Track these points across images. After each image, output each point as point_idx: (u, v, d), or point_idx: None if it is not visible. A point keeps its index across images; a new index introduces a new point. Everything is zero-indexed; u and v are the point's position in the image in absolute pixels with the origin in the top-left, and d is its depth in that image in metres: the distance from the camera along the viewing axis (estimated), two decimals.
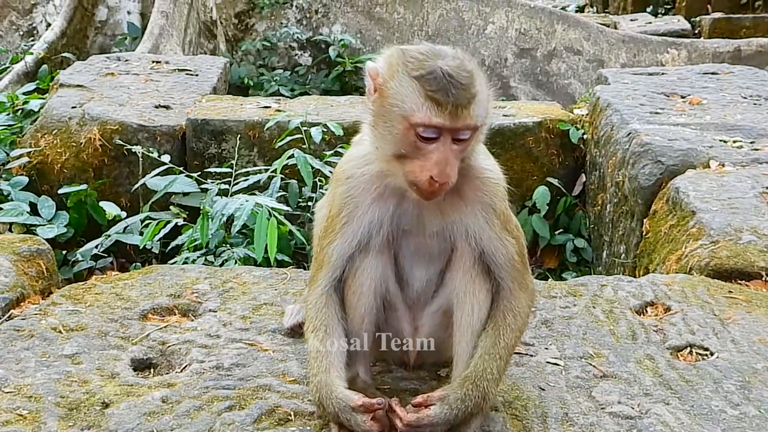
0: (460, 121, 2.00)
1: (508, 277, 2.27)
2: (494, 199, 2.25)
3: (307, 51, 10.61)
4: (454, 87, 2.00)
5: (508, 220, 2.30)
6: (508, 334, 2.22)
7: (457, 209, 2.22)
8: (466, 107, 2.00)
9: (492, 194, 2.25)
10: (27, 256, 3.14)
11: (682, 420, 2.28)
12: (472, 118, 2.01)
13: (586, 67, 9.92)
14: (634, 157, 4.50)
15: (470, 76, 2.03)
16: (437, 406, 2.09)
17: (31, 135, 5.74)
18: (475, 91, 2.02)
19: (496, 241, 2.25)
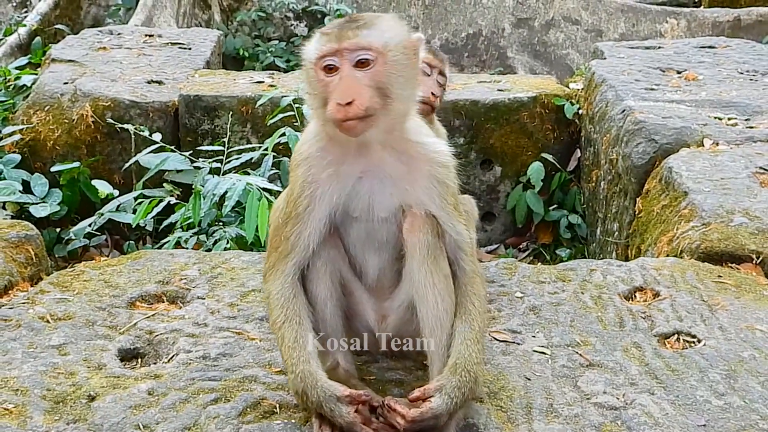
0: (347, 41, 2.07)
1: (467, 260, 2.28)
2: (447, 178, 2.27)
3: (303, 21, 10.51)
4: (343, 22, 2.14)
5: (459, 202, 2.33)
6: (479, 318, 2.23)
7: (410, 185, 2.22)
8: (355, 30, 2.09)
9: (445, 173, 2.26)
10: (15, 243, 3.13)
11: (666, 410, 2.28)
12: (362, 38, 2.08)
13: (584, 37, 9.83)
14: (628, 135, 4.47)
15: (365, 17, 2.14)
16: (437, 397, 2.08)
17: (23, 111, 5.70)
18: (366, 21, 2.12)
19: (453, 220, 2.27)
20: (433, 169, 2.24)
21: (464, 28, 10.16)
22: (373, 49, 2.08)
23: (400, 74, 2.14)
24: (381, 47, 2.09)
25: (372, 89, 2.08)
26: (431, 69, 3.01)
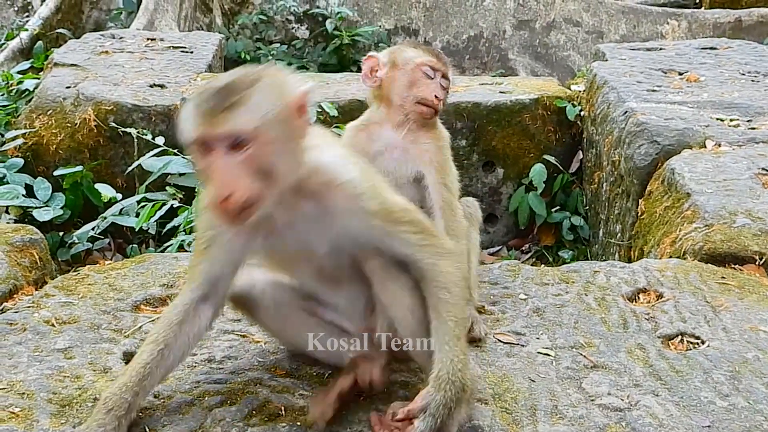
0: (216, 128, 1.91)
1: (420, 257, 2.20)
2: (366, 204, 2.16)
3: (304, 24, 10.52)
4: (211, 96, 1.95)
5: (390, 206, 2.21)
6: (452, 309, 2.17)
7: (332, 223, 2.16)
8: (224, 113, 1.91)
9: (362, 201, 2.16)
10: (20, 247, 3.14)
11: (671, 412, 2.29)
12: (232, 123, 1.92)
13: (585, 39, 9.84)
14: (630, 137, 4.48)
15: (236, 89, 1.95)
16: (420, 419, 2.05)
17: (26, 116, 5.71)
18: (237, 98, 1.93)
19: (387, 235, 2.18)
20: (350, 202, 2.15)
21: (465, 30, 10.17)
22: (245, 133, 1.93)
23: (282, 147, 2.01)
24: (254, 129, 1.94)
25: (251, 174, 1.95)
26: (434, 72, 3.01)
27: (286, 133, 2.02)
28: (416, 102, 2.95)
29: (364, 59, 3.05)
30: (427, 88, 2.95)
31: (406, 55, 3.00)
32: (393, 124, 2.99)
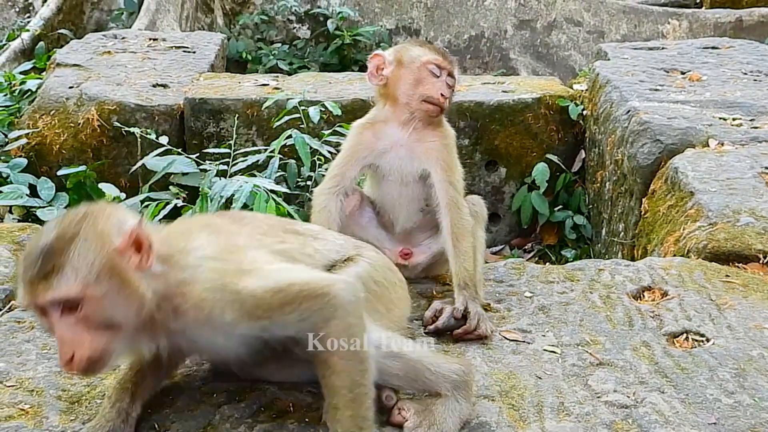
0: (40, 297, 1.90)
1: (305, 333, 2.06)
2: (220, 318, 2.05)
3: (306, 24, 10.53)
4: (30, 266, 1.92)
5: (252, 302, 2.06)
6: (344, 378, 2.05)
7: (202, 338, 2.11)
8: (44, 283, 1.89)
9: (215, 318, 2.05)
10: (26, 245, 3.14)
11: (676, 409, 2.30)
12: (54, 291, 1.89)
13: (586, 39, 9.84)
14: (633, 136, 4.49)
15: (52, 254, 1.91)
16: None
17: (29, 116, 5.72)
18: (54, 264, 1.89)
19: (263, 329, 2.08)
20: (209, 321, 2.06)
21: (466, 30, 10.18)
22: (71, 297, 1.90)
23: (117, 296, 1.95)
24: (79, 292, 1.90)
25: (92, 330, 1.93)
26: (440, 70, 3.02)
27: (118, 280, 1.96)
28: (422, 100, 2.96)
29: (369, 57, 3.06)
30: (433, 86, 2.96)
31: (412, 54, 3.01)
32: (399, 122, 3.00)
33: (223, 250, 2.14)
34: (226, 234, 2.24)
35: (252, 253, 2.19)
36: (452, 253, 2.86)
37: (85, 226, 1.95)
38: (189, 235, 2.18)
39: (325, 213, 2.96)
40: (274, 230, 2.37)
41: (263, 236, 2.30)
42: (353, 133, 3.08)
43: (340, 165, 3.04)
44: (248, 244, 2.23)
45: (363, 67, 9.78)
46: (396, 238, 3.11)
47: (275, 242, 2.30)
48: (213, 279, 2.05)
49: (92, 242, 1.94)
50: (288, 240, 2.35)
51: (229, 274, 2.06)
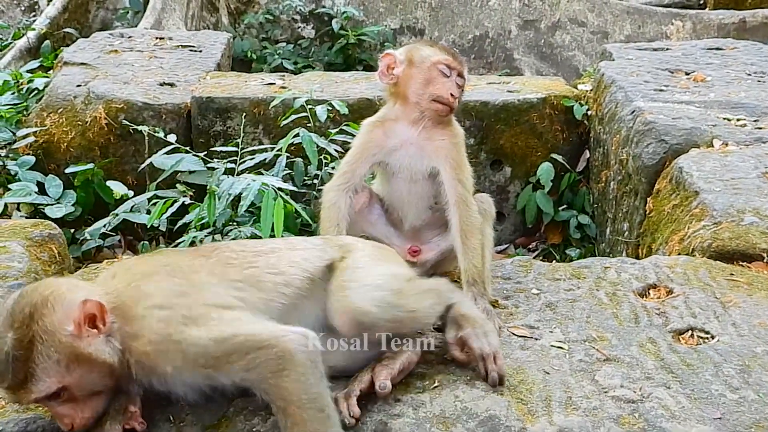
0: (25, 400, 2.12)
1: (256, 382, 2.13)
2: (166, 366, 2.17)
3: (310, 23, 10.57)
4: (6, 373, 2.08)
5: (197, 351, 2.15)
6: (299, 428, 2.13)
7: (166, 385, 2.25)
8: (22, 390, 2.09)
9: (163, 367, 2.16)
10: (39, 241, 3.19)
11: (682, 404, 2.34)
12: (35, 395, 2.09)
13: (590, 39, 9.87)
14: (638, 136, 4.52)
15: (16, 359, 2.06)
16: None
17: (36, 114, 5.76)
18: (25, 371, 2.06)
19: (209, 378, 2.18)
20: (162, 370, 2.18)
21: (471, 30, 10.22)
22: (51, 392, 2.12)
23: (91, 374, 2.14)
24: (56, 384, 2.11)
25: (81, 402, 2.15)
26: (450, 71, 3.06)
27: (85, 360, 2.11)
28: (432, 100, 3.00)
29: (381, 56, 3.10)
30: (443, 86, 3.00)
31: (423, 54, 3.05)
32: (409, 121, 3.03)
33: (174, 293, 2.21)
34: (184, 272, 2.30)
35: (207, 292, 2.24)
36: (461, 250, 2.90)
37: (36, 327, 2.08)
38: (141, 281, 2.26)
39: (334, 209, 3.00)
40: (243, 256, 2.42)
41: (227, 266, 2.35)
42: (363, 130, 3.11)
43: (350, 162, 3.08)
44: (207, 281, 2.28)
45: (367, 66, 9.82)
46: (405, 235, 3.15)
47: (240, 270, 2.34)
48: (157, 331, 2.13)
49: (49, 341, 2.08)
50: (256, 263, 2.39)
51: (173, 323, 2.14)
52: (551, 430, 2.22)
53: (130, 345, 2.15)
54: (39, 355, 2.07)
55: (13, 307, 2.12)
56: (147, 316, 2.16)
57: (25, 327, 2.07)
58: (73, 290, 2.20)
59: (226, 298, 2.25)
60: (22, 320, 2.08)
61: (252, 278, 2.33)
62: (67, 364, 2.09)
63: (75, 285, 2.29)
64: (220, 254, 2.42)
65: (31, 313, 2.09)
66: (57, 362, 2.08)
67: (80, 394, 2.13)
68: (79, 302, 2.12)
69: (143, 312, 2.17)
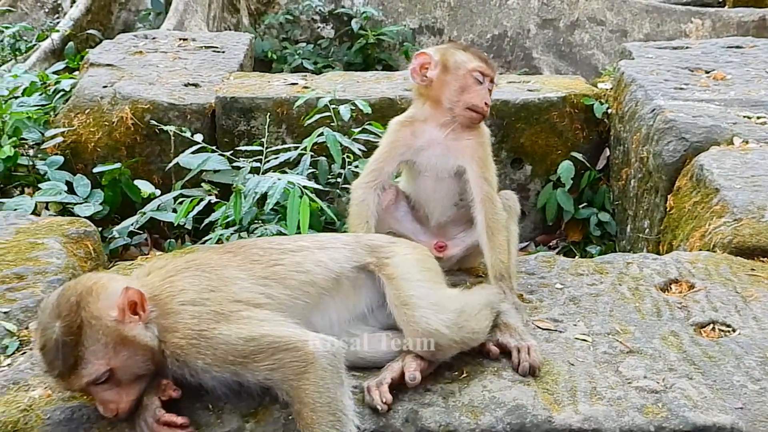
0: (75, 385, 2.24)
1: (279, 382, 2.26)
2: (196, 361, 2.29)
3: (330, 24, 10.65)
4: (52, 362, 2.21)
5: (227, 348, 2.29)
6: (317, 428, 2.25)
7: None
8: (72, 375, 2.21)
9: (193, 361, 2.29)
10: (75, 238, 3.29)
11: (704, 394, 2.40)
12: (84, 379, 2.22)
13: (609, 38, 9.90)
14: (658, 134, 4.57)
15: (67, 343, 2.18)
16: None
17: (64, 114, 5.86)
18: (76, 355, 2.19)
19: (236, 375, 2.30)
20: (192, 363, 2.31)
21: (489, 30, 10.27)
22: (100, 374, 2.24)
23: (135, 357, 2.26)
24: (104, 368, 2.23)
25: (124, 388, 2.27)
26: (484, 77, 3.10)
27: (129, 344, 2.24)
28: (466, 108, 3.05)
29: (415, 54, 3.13)
30: (477, 95, 3.04)
31: (458, 59, 3.08)
32: (438, 123, 3.09)
33: (205, 289, 2.34)
34: (213, 268, 2.43)
35: (236, 287, 2.37)
36: (487, 246, 2.97)
37: (83, 314, 2.21)
38: (174, 276, 2.39)
39: (363, 206, 3.07)
40: (269, 253, 2.52)
41: (254, 263, 2.47)
42: (392, 129, 3.18)
43: (378, 160, 3.14)
44: (235, 275, 2.40)
45: (386, 66, 9.90)
46: (431, 231, 3.21)
47: (266, 267, 2.46)
48: (190, 326, 2.27)
49: (96, 326, 2.21)
50: (282, 260, 2.49)
51: (205, 320, 2.28)
52: (577, 419, 2.29)
53: (165, 337, 2.28)
54: (87, 339, 2.19)
55: (58, 300, 2.25)
56: (181, 312, 2.30)
57: (73, 314, 2.20)
58: (115, 281, 2.33)
59: (254, 294, 2.37)
60: (69, 309, 2.20)
61: (277, 275, 2.44)
62: (114, 347, 2.21)
63: (115, 277, 2.43)
64: (247, 251, 2.53)
65: (77, 302, 2.22)
66: (104, 345, 2.20)
67: (124, 378, 2.24)
68: (122, 290, 2.24)
69: (177, 307, 2.31)
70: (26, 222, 3.49)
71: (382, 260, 2.59)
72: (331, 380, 2.22)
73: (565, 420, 2.30)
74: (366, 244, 2.67)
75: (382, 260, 2.59)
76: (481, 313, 2.58)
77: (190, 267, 2.42)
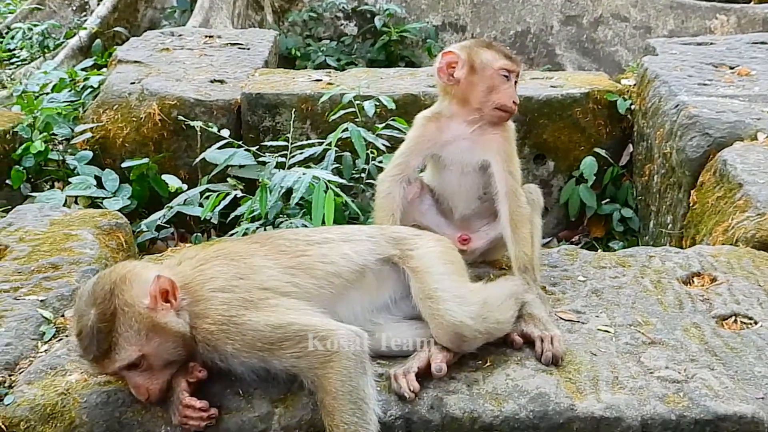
0: (108, 369, 2.33)
1: (305, 370, 2.34)
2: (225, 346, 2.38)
3: (353, 21, 10.69)
4: (88, 347, 2.30)
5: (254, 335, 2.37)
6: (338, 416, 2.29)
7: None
8: (106, 359, 2.30)
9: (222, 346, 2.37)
10: (107, 230, 3.37)
11: (726, 384, 2.43)
12: (117, 363, 2.30)
13: (632, 34, 9.87)
14: (681, 129, 4.58)
15: (100, 329, 2.27)
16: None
17: (93, 110, 5.96)
18: (110, 341, 2.28)
19: (263, 361, 2.37)
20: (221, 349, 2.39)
21: (512, 26, 10.27)
22: (132, 360, 2.32)
23: (167, 344, 2.34)
24: (137, 353, 2.31)
25: (155, 373, 2.35)
26: (510, 74, 3.13)
27: (162, 330, 2.32)
28: (495, 108, 3.09)
29: (442, 53, 3.16)
30: (505, 94, 3.08)
31: (484, 59, 3.11)
32: (465, 120, 3.13)
33: (234, 277, 2.43)
34: (242, 256, 2.51)
35: (263, 275, 2.45)
36: (511, 239, 3.02)
37: (117, 301, 2.29)
38: (204, 265, 2.48)
39: (389, 199, 3.13)
40: (295, 244, 2.60)
41: (281, 253, 2.54)
42: (418, 124, 3.22)
43: (404, 154, 3.20)
44: (262, 264, 2.48)
45: (409, 63, 9.93)
46: (455, 224, 3.26)
47: (293, 258, 2.53)
48: (221, 312, 2.35)
49: (129, 313, 2.29)
50: (309, 252, 2.57)
51: (234, 306, 2.36)
52: (599, 407, 2.34)
53: (196, 323, 2.36)
54: (121, 325, 2.28)
55: (93, 288, 2.34)
56: (211, 298, 2.38)
57: (107, 302, 2.28)
58: (148, 269, 2.41)
59: (281, 283, 2.45)
60: (103, 297, 2.29)
61: (304, 266, 2.52)
62: (146, 334, 2.29)
63: (148, 266, 2.52)
64: (274, 242, 2.62)
65: (111, 289, 2.30)
66: (137, 332, 2.29)
67: (156, 363, 2.32)
68: (154, 278, 2.32)
69: (208, 294, 2.39)
70: (60, 214, 3.58)
71: (406, 252, 2.64)
72: (355, 370, 2.29)
73: (587, 408, 2.34)
74: (390, 237, 2.72)
75: (406, 252, 2.64)
76: (505, 303, 2.62)
77: (219, 256, 2.50)
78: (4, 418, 2.35)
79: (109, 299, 2.28)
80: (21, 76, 8.88)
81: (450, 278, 2.59)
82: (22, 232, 3.39)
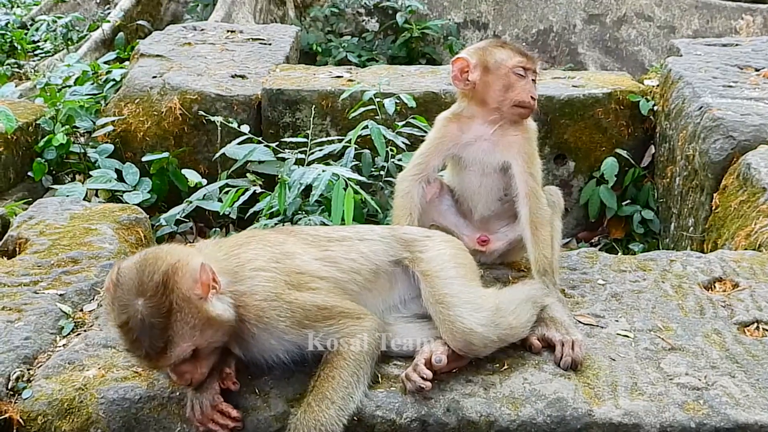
0: (163, 364, 2.26)
1: (331, 338, 2.43)
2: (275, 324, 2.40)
3: (375, 17, 10.68)
4: (143, 342, 2.21)
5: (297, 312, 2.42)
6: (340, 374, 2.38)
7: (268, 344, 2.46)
8: (162, 354, 2.23)
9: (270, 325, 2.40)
10: (127, 225, 3.38)
11: (746, 392, 2.40)
12: (173, 358, 2.24)
13: (656, 34, 9.79)
14: (705, 132, 4.53)
15: (157, 325, 2.19)
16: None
17: (114, 104, 5.98)
18: (165, 337, 2.20)
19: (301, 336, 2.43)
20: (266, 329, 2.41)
21: (535, 24, 10.22)
22: (187, 355, 2.29)
23: (216, 333, 2.31)
24: (191, 348, 2.27)
25: (200, 360, 2.32)
26: (526, 71, 3.11)
27: (213, 321, 2.27)
28: (513, 105, 3.07)
29: (452, 61, 3.15)
30: (522, 90, 3.05)
31: (497, 58, 3.09)
32: (485, 121, 3.11)
33: (271, 260, 2.44)
34: (273, 244, 2.53)
35: (298, 260, 2.49)
36: (531, 241, 3.00)
37: (173, 295, 2.21)
38: (240, 248, 2.48)
39: (408, 198, 3.12)
40: (317, 239, 2.63)
41: (309, 245, 2.57)
42: (439, 125, 3.21)
43: (424, 154, 3.18)
44: (294, 250, 2.52)
45: (430, 60, 9.91)
46: (474, 225, 3.25)
47: (320, 251, 2.57)
48: (268, 289, 2.37)
49: (185, 308, 2.23)
50: (332, 247, 2.60)
51: (281, 284, 2.39)
52: (617, 413, 2.31)
53: (244, 301, 2.36)
54: (177, 322, 2.21)
55: (139, 276, 2.22)
56: (255, 276, 2.40)
57: (162, 296, 2.20)
58: (192, 256, 2.33)
59: (316, 269, 2.50)
60: (155, 288, 2.20)
61: (331, 259, 2.56)
62: (201, 328, 2.25)
63: (190, 252, 2.42)
64: (297, 235, 2.65)
65: (164, 281, 2.21)
66: (192, 327, 2.23)
67: (204, 353, 2.30)
68: (200, 266, 2.27)
69: (251, 273, 2.41)
70: (80, 208, 3.60)
71: (416, 255, 2.65)
72: (370, 348, 2.41)
73: (605, 414, 2.32)
74: (401, 238, 2.73)
75: (416, 255, 2.65)
76: (520, 308, 2.60)
77: (251, 241, 2.53)
78: (21, 412, 2.36)
79: (163, 292, 2.19)
80: (44, 68, 8.96)
81: (460, 282, 2.59)
82: (42, 225, 3.41)
